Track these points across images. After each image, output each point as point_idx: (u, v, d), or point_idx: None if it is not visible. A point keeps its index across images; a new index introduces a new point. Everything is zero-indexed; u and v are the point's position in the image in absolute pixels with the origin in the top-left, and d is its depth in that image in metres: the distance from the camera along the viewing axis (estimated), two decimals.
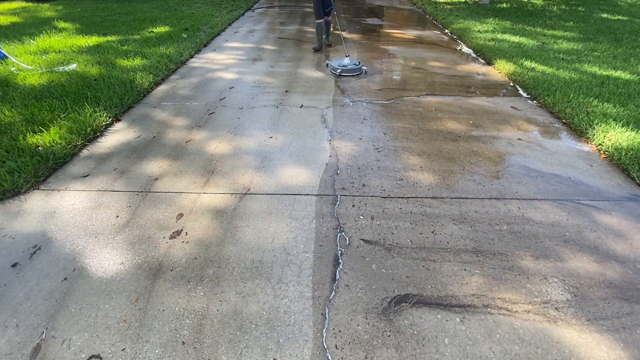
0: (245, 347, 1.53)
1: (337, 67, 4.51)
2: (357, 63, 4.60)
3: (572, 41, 6.20)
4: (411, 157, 2.92)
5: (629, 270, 1.91)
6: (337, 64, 4.58)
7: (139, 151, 2.97)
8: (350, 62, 4.60)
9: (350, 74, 4.53)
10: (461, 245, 2.06)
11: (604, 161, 2.88)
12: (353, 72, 4.54)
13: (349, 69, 4.52)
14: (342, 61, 4.63)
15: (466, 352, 1.52)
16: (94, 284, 1.81)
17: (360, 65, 4.61)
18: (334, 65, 4.58)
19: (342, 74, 4.51)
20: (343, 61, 4.62)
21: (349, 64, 4.55)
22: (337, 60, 4.68)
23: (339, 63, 4.58)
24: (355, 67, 4.55)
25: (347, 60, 4.61)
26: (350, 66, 4.54)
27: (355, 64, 4.57)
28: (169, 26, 6.87)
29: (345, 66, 4.52)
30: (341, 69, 4.50)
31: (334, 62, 4.66)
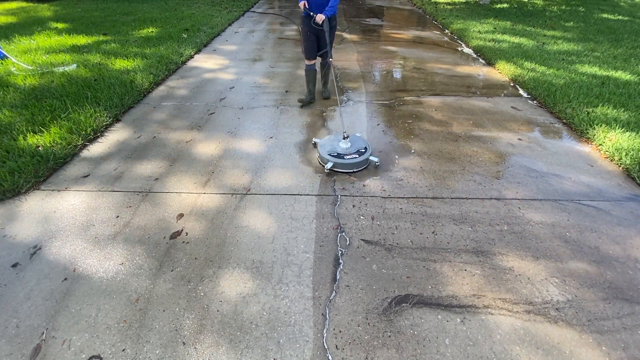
0: (246, 348, 1.53)
1: (327, 158, 2.67)
2: (362, 149, 2.76)
3: (572, 41, 6.20)
4: (411, 157, 2.92)
5: (629, 270, 1.91)
6: (329, 149, 2.76)
7: (139, 151, 2.97)
8: (349, 146, 2.79)
9: (349, 170, 2.67)
10: (462, 245, 2.06)
11: (605, 161, 2.88)
12: (352, 168, 2.68)
13: (346, 164, 2.65)
14: (337, 145, 2.82)
15: (467, 353, 1.51)
16: (94, 284, 1.81)
17: (367, 153, 2.73)
18: (322, 152, 2.74)
19: (334, 169, 2.67)
20: (338, 145, 2.81)
21: (346, 152, 2.72)
22: (329, 142, 2.88)
23: (331, 149, 2.77)
24: (358, 158, 2.67)
25: (345, 145, 2.79)
26: (350, 157, 2.67)
27: (358, 151, 2.73)
28: (169, 26, 6.87)
29: (340, 156, 2.68)
30: (333, 161, 2.65)
31: (324, 145, 2.83)
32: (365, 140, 2.91)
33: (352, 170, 2.67)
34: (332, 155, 2.69)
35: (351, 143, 2.81)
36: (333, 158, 2.66)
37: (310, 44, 3.50)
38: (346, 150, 2.75)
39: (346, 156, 2.68)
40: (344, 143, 2.80)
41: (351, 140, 2.84)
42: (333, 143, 2.84)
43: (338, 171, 2.67)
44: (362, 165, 2.71)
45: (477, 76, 4.79)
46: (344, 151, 2.73)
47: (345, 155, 2.68)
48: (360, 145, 2.81)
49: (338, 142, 2.84)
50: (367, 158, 2.72)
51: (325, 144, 2.86)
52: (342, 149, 2.77)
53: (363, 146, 2.81)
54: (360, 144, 2.83)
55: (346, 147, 2.78)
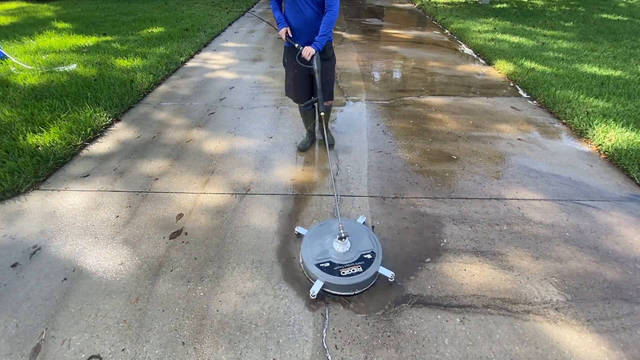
0: (245, 348, 1.53)
1: (314, 272, 1.77)
2: (367, 252, 1.85)
3: (572, 41, 6.20)
4: (411, 157, 2.92)
5: (629, 270, 1.91)
6: (318, 252, 1.86)
7: (139, 151, 2.97)
8: (348, 249, 1.86)
9: (347, 292, 1.77)
10: (461, 245, 2.06)
11: (604, 161, 2.88)
12: (354, 290, 1.77)
13: (343, 285, 1.74)
14: (330, 247, 1.89)
15: (466, 353, 1.51)
16: (93, 284, 1.81)
17: (373, 259, 1.82)
18: (308, 261, 1.82)
19: (326, 290, 1.77)
20: (332, 247, 1.89)
21: (342, 260, 1.82)
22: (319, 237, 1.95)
23: (320, 252, 1.87)
24: (361, 274, 1.75)
25: (341, 248, 1.87)
26: (349, 271, 1.76)
27: (362, 256, 1.83)
28: (168, 26, 6.87)
29: (334, 268, 1.79)
30: (324, 279, 1.75)
31: (311, 248, 1.89)
32: (370, 235, 1.96)
33: (351, 292, 1.75)
34: (322, 266, 1.77)
35: (351, 244, 1.87)
36: (323, 273, 1.74)
37: (299, 83, 2.51)
38: (344, 257, 1.82)
39: (343, 269, 1.76)
40: (340, 245, 1.85)
41: (352, 238, 1.91)
42: (324, 242, 1.91)
43: (330, 293, 1.76)
44: (368, 284, 1.78)
45: (477, 76, 4.79)
46: (339, 259, 1.81)
47: (342, 268, 1.76)
48: (364, 246, 1.88)
49: (332, 241, 1.90)
50: (377, 272, 1.78)
51: (311, 243, 1.91)
52: (338, 254, 1.84)
53: (368, 248, 1.87)
54: (363, 243, 1.90)
55: (343, 250, 1.85)
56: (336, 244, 1.88)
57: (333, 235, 1.95)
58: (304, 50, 2.27)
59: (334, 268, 1.78)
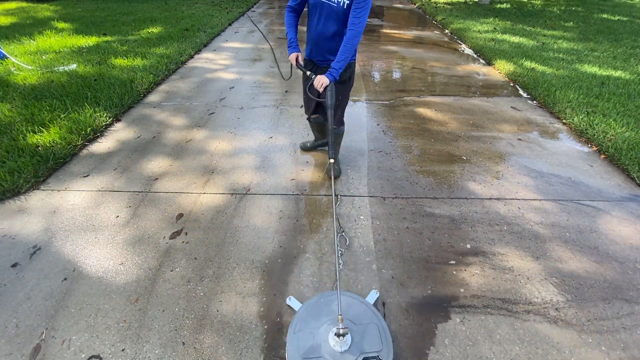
0: (245, 348, 1.53)
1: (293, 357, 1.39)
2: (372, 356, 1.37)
3: (572, 41, 6.20)
4: (411, 157, 2.92)
5: (629, 270, 1.91)
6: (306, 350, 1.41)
7: (139, 151, 2.97)
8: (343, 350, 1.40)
9: None
10: (461, 245, 2.06)
11: (604, 161, 2.88)
12: None
13: None
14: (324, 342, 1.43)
15: (466, 353, 1.51)
16: (93, 284, 1.81)
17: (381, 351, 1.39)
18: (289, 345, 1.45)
19: None
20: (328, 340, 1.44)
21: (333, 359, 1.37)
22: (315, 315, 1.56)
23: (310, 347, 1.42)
24: None
25: (338, 345, 1.41)
26: None
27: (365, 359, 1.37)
28: (168, 26, 6.86)
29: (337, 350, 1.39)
30: None
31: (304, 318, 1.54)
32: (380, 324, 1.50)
33: None
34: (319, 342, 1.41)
35: (352, 340, 1.43)
36: None
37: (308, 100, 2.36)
38: (340, 358, 1.39)
39: None
40: (337, 342, 1.42)
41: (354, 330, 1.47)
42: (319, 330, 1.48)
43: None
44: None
45: (477, 76, 4.79)
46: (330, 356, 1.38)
47: None
48: (370, 344, 1.43)
49: (328, 331, 1.47)
50: None
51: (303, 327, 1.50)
52: (333, 353, 1.40)
53: (375, 349, 1.41)
54: (369, 339, 1.44)
55: (341, 350, 1.41)
56: (332, 339, 1.42)
57: (331, 320, 1.49)
58: (316, 81, 1.92)
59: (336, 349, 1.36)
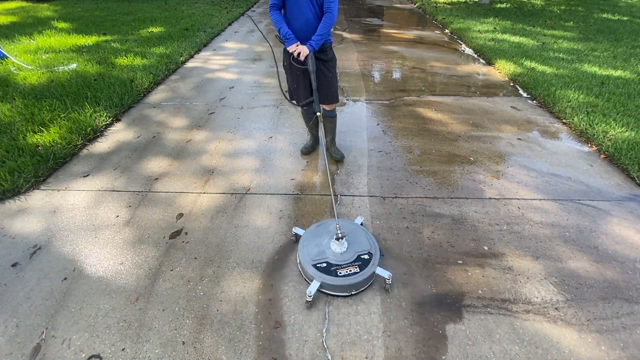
0: (245, 347, 1.53)
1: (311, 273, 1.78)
2: (364, 252, 1.86)
3: (572, 41, 6.20)
4: (411, 156, 2.92)
5: (629, 270, 1.91)
6: (315, 253, 1.87)
7: (139, 151, 2.97)
8: (345, 249, 1.88)
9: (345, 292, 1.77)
10: (461, 245, 2.06)
11: (604, 161, 2.88)
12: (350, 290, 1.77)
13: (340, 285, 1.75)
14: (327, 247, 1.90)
15: (466, 352, 1.52)
16: (93, 284, 1.81)
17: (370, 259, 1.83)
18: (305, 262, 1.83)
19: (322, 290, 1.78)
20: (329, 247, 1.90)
21: (340, 261, 1.83)
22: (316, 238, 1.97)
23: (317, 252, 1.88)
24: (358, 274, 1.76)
25: (339, 248, 1.88)
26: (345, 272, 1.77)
27: (359, 257, 1.85)
28: (168, 26, 6.86)
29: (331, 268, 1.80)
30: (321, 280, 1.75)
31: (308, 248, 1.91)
32: (368, 235, 1.96)
33: (348, 293, 1.76)
34: (318, 266, 1.78)
35: (348, 244, 1.88)
36: (320, 273, 1.75)
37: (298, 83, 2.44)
38: (341, 257, 1.83)
39: (340, 269, 1.77)
40: (337, 245, 1.86)
41: (349, 238, 1.91)
42: (322, 242, 1.92)
43: (326, 293, 1.77)
44: (365, 284, 1.78)
45: (477, 76, 4.79)
46: (336, 259, 1.82)
47: (339, 269, 1.77)
48: (361, 246, 1.89)
49: (329, 242, 1.91)
50: (374, 272, 1.77)
51: (309, 243, 1.92)
52: (335, 254, 1.85)
53: (365, 249, 1.87)
54: (361, 244, 1.90)
55: (341, 251, 1.85)
56: (333, 244, 1.88)
57: (330, 235, 1.95)
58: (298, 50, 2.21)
59: (330, 268, 1.78)
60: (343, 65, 5.10)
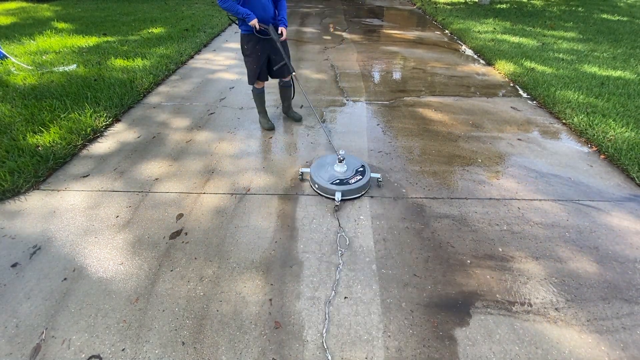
0: (245, 347, 1.53)
1: (330, 188, 2.37)
2: (359, 167, 2.49)
3: (572, 42, 6.21)
4: (411, 157, 2.92)
5: (629, 270, 1.91)
6: (328, 176, 2.44)
7: (139, 151, 2.97)
8: (346, 169, 2.48)
9: (357, 195, 2.40)
10: (461, 245, 2.06)
11: (604, 161, 2.88)
12: (361, 192, 2.41)
13: (354, 189, 2.37)
14: (333, 169, 2.50)
15: (466, 353, 1.51)
16: (93, 284, 1.81)
17: (365, 172, 2.45)
18: (320, 181, 2.40)
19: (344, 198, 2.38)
20: (334, 169, 2.50)
21: (347, 176, 2.44)
22: (321, 167, 2.53)
23: (330, 176, 2.45)
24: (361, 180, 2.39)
25: (341, 168, 2.48)
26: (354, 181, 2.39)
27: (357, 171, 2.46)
28: (168, 26, 6.87)
29: (344, 182, 2.39)
30: (340, 190, 2.35)
31: (318, 172, 2.46)
32: (354, 157, 2.65)
33: (360, 194, 2.41)
34: (334, 183, 2.37)
35: (346, 165, 2.51)
36: (338, 186, 2.34)
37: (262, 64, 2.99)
38: (345, 173, 2.44)
39: (350, 180, 2.39)
40: (339, 167, 2.45)
41: (347, 161, 2.53)
42: (328, 169, 2.50)
43: (346, 199, 2.38)
44: (368, 186, 2.46)
45: (476, 76, 4.79)
46: (344, 175, 2.42)
47: (349, 180, 2.39)
48: (356, 164, 2.54)
49: (333, 166, 2.51)
50: (370, 177, 2.48)
51: (319, 172, 2.48)
52: (341, 173, 2.44)
53: (359, 164, 2.53)
54: (355, 163, 2.56)
55: (343, 170, 2.47)
56: (337, 167, 2.52)
57: (330, 164, 2.57)
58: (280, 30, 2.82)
59: (343, 182, 2.41)
60: (343, 66, 5.11)
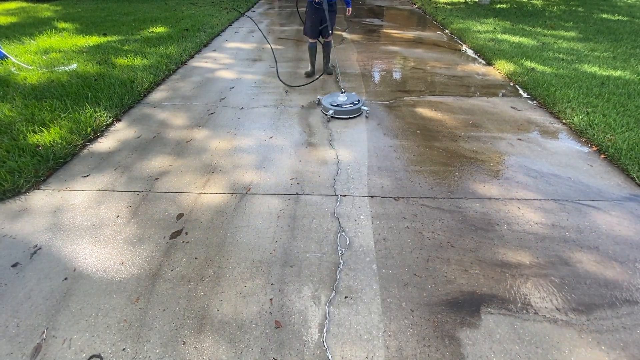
0: (245, 347, 1.53)
1: (329, 107, 3.51)
2: (355, 101, 3.59)
3: (572, 41, 6.21)
4: (411, 157, 2.92)
5: (629, 270, 1.91)
6: (330, 101, 3.61)
7: (139, 151, 2.97)
8: (346, 99, 3.60)
9: (346, 116, 3.51)
10: (461, 245, 2.06)
11: (604, 161, 2.88)
12: (349, 115, 3.51)
13: (344, 110, 3.49)
14: (336, 98, 3.61)
15: (466, 352, 1.52)
16: (94, 284, 1.81)
17: (359, 104, 3.57)
18: (325, 104, 3.58)
19: (334, 115, 3.49)
20: (337, 98, 3.60)
21: (344, 103, 3.55)
22: (330, 97, 3.71)
23: (331, 101, 3.61)
24: (353, 107, 3.52)
25: (343, 98, 3.58)
26: (346, 106, 3.52)
27: (353, 103, 3.57)
28: (169, 26, 6.87)
29: (339, 106, 3.52)
30: (334, 109, 3.47)
31: (326, 99, 3.67)
32: (358, 96, 3.73)
33: (348, 116, 3.54)
34: (333, 105, 3.55)
35: (347, 97, 3.63)
36: (334, 107, 3.52)
37: (315, 26, 4.22)
38: (344, 102, 3.59)
39: (344, 106, 3.54)
40: (342, 97, 3.63)
41: (347, 95, 3.66)
42: (333, 97, 3.69)
43: (338, 117, 3.53)
44: (356, 112, 3.57)
45: (476, 76, 4.79)
46: (342, 103, 3.58)
47: (343, 105, 3.55)
48: (354, 99, 3.63)
49: (337, 96, 3.67)
50: (360, 107, 3.56)
51: (327, 98, 3.71)
52: (341, 101, 3.60)
53: (357, 99, 3.64)
54: (354, 98, 3.65)
55: (344, 99, 3.59)
56: (340, 96, 3.62)
57: (336, 96, 3.68)
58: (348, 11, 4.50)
59: (339, 106, 3.53)
60: (343, 66, 5.11)
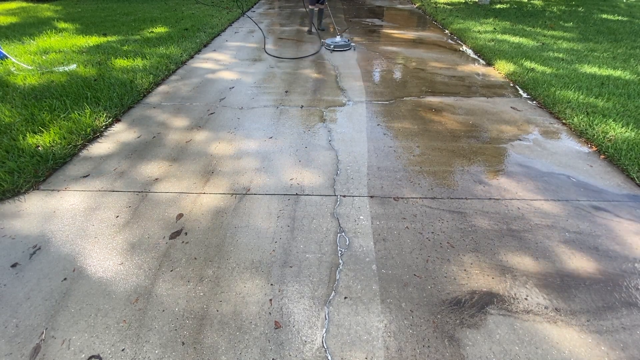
0: (245, 348, 1.53)
1: (331, 44, 5.90)
2: (346, 41, 5.99)
3: (572, 42, 6.21)
4: (411, 157, 2.92)
5: (629, 270, 1.91)
6: (331, 41, 5.97)
7: (139, 151, 2.97)
8: (341, 40, 5.98)
9: (342, 49, 5.88)
10: (461, 245, 2.06)
11: (604, 162, 2.88)
12: (344, 48, 5.90)
13: (341, 45, 5.90)
14: (335, 39, 6.02)
15: (466, 353, 1.51)
16: (93, 284, 1.81)
17: (349, 42, 6.01)
18: (328, 43, 5.97)
19: (335, 49, 5.87)
20: (335, 39, 6.03)
21: (340, 42, 5.93)
22: (330, 39, 6.07)
23: (332, 41, 5.98)
24: (345, 43, 5.92)
25: (339, 39, 6.03)
26: (341, 43, 5.91)
27: (345, 42, 5.93)
28: (169, 26, 6.87)
29: (337, 43, 5.92)
30: (334, 44, 5.90)
31: (328, 41, 6.02)
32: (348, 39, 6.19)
33: (343, 49, 5.89)
34: (332, 42, 5.95)
35: (341, 39, 6.02)
36: (334, 44, 5.92)
37: None
38: (339, 41, 5.95)
39: (340, 43, 5.92)
40: (338, 38, 6.06)
41: (341, 38, 6.07)
42: (333, 39, 6.04)
43: (337, 50, 5.86)
44: (348, 47, 5.94)
45: (476, 76, 4.79)
46: (339, 42, 5.94)
47: (339, 43, 5.92)
48: (346, 40, 6.02)
49: (335, 38, 6.06)
50: (350, 44, 5.99)
51: (329, 40, 6.06)
52: (337, 41, 5.97)
53: (347, 40, 6.03)
54: (346, 40, 6.03)
55: (339, 40, 6.00)
56: (337, 38, 6.07)
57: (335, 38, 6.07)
58: None
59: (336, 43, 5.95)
60: (343, 65, 5.11)
